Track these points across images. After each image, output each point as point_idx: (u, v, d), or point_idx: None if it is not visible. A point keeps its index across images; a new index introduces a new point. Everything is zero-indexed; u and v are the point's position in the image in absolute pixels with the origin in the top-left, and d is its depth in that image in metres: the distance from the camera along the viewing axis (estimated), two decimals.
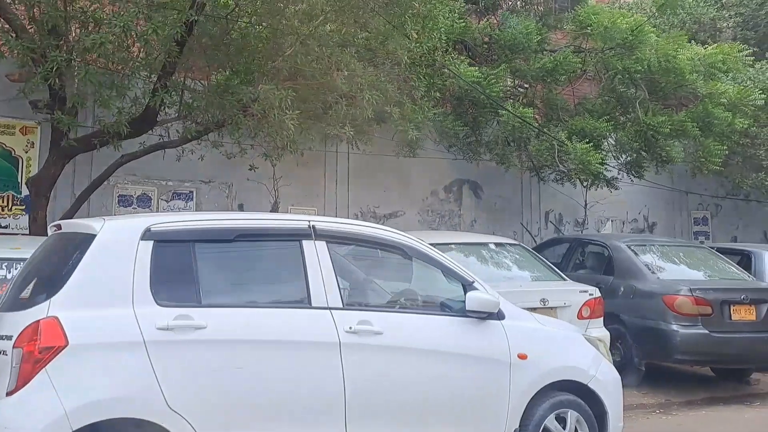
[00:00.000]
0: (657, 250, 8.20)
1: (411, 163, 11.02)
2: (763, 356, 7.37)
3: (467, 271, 4.03)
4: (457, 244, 7.15)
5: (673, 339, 7.04)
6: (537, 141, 9.94)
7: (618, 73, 9.89)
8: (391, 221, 11.07)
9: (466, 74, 9.16)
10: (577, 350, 4.24)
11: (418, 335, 3.69)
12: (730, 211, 14.58)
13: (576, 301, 6.55)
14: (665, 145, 9.78)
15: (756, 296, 7.32)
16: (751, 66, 12.02)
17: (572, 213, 12.84)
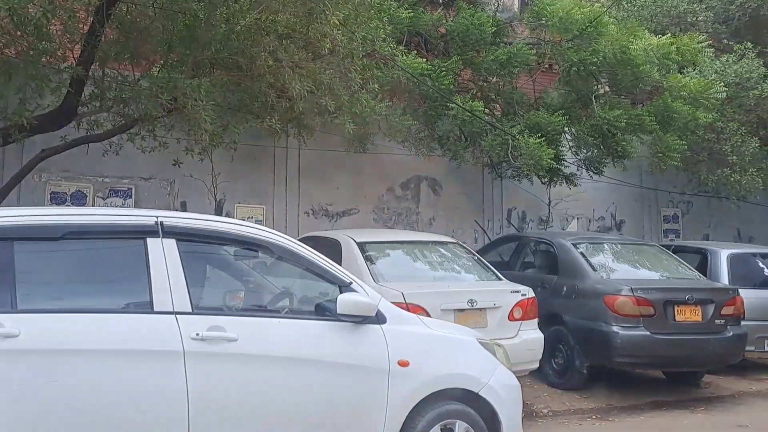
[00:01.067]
0: (604, 249, 7.90)
1: (365, 159, 10.72)
2: (709, 358, 7.09)
3: (345, 272, 3.72)
4: (390, 243, 6.86)
5: (612, 341, 6.74)
6: (491, 136, 9.64)
7: (573, 66, 9.57)
8: (345, 219, 10.78)
9: (414, 66, 8.85)
10: (468, 356, 3.93)
11: (281, 342, 3.37)
12: (702, 208, 14.28)
13: (507, 302, 6.24)
14: (621, 140, 9.48)
15: (702, 296, 7.02)
16: (710, 58, 11.77)
17: (536, 211, 12.53)
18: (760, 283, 8.54)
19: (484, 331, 6.05)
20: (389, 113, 9.13)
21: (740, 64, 11.72)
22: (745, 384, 7.95)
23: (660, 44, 8.68)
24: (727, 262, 8.55)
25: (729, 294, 7.18)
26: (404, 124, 9.29)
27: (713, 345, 6.95)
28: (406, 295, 5.83)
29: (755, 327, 8.22)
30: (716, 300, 7.03)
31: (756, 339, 8.23)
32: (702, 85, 9.85)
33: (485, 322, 6.13)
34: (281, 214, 10.23)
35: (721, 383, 7.91)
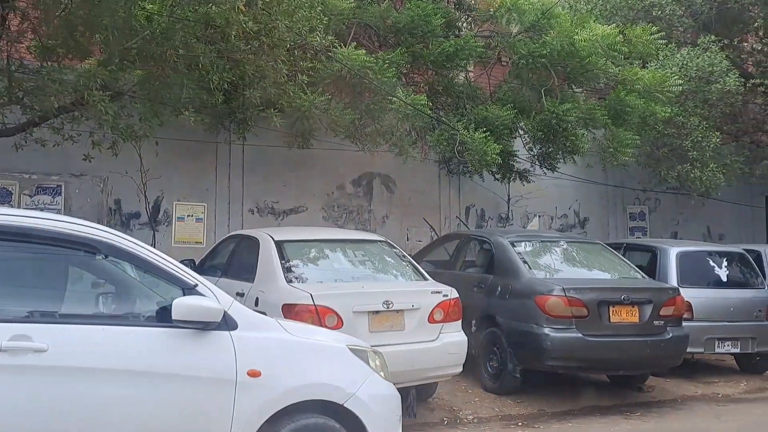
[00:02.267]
0: (544, 248, 7.60)
1: (314, 155, 10.40)
2: (646, 361, 6.79)
3: (190, 274, 3.38)
4: (311, 242, 6.51)
5: (543, 343, 6.42)
6: (438, 131, 9.32)
7: (522, 59, 9.25)
8: (292, 217, 10.46)
9: (353, 59, 8.52)
10: (334, 364, 3.59)
11: (103, 352, 3.02)
12: (670, 205, 14.00)
13: (427, 304, 5.91)
14: (570, 135, 9.16)
15: (639, 296, 6.70)
16: (671, 51, 11.48)
17: (495, 208, 12.23)
18: (711, 282, 8.24)
19: (401, 334, 5.79)
20: (329, 107, 8.84)
21: (702, 58, 11.44)
22: (692, 387, 7.65)
23: (605, 34, 8.36)
24: (677, 261, 8.24)
25: (669, 294, 6.87)
26: (345, 118, 8.99)
27: (651, 347, 6.64)
28: (315, 297, 5.51)
29: (704, 328, 7.95)
30: (655, 300, 6.71)
31: (705, 340, 7.94)
32: (657, 79, 9.55)
33: (402, 324, 5.80)
34: (224, 211, 9.90)
35: (666, 386, 7.61)
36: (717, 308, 8.04)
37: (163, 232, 9.45)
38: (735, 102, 11.84)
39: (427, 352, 5.84)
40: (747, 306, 8.16)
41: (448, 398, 6.79)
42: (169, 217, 9.48)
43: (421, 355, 5.81)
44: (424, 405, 6.46)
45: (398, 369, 5.66)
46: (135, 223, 9.26)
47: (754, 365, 8.50)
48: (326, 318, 5.49)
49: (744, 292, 8.29)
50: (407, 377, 5.76)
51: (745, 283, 8.43)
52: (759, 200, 15.40)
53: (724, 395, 7.40)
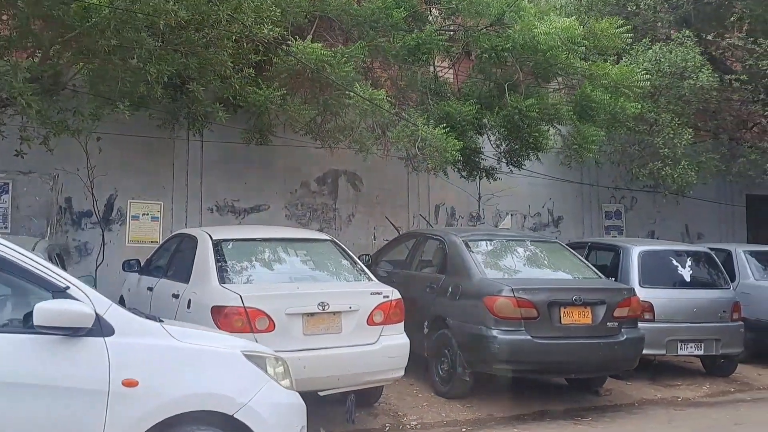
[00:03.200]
0: (499, 247, 7.37)
1: (277, 152, 10.16)
2: (599, 364, 6.56)
3: (62, 276, 3.14)
4: (251, 241, 6.28)
5: (490, 346, 6.19)
6: (399, 127, 9.07)
7: (484, 53, 9.01)
8: (253, 216, 10.21)
9: (309, 52, 8.27)
10: (223, 372, 3.35)
11: None
12: (647, 204, 13.77)
13: (366, 305, 5.68)
14: (533, 131, 8.93)
15: (592, 297, 6.48)
16: (645, 45, 11.27)
17: (466, 207, 12.00)
18: (673, 282, 8.02)
19: (338, 337, 5.57)
20: (285, 103, 8.61)
21: (676, 53, 11.22)
22: (651, 391, 7.43)
23: (564, 27, 8.12)
24: (638, 260, 8.02)
25: (623, 294, 6.64)
26: (302, 113, 8.75)
27: (603, 350, 6.41)
28: (245, 298, 5.29)
29: (666, 329, 7.75)
30: (608, 301, 6.49)
31: (667, 342, 7.74)
32: (624, 74, 9.32)
33: (339, 327, 5.57)
34: (181, 210, 9.64)
35: (626, 390, 7.39)
36: (680, 309, 7.83)
37: (117, 231, 9.20)
38: (709, 98, 11.63)
39: (365, 356, 5.61)
40: (711, 307, 7.95)
41: (395, 403, 6.56)
42: (123, 215, 9.23)
43: (359, 358, 5.59)
44: (369, 410, 6.23)
45: (335, 373, 5.49)
46: (87, 222, 8.99)
47: (719, 368, 8.29)
48: (257, 321, 5.27)
49: (708, 293, 8.08)
50: (344, 382, 5.56)
51: (709, 283, 8.22)
52: (740, 199, 15.20)
53: (684, 399, 7.18)
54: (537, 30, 8.24)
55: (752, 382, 8.04)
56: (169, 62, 6.53)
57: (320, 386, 5.46)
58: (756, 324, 8.94)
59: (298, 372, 5.28)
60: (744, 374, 8.43)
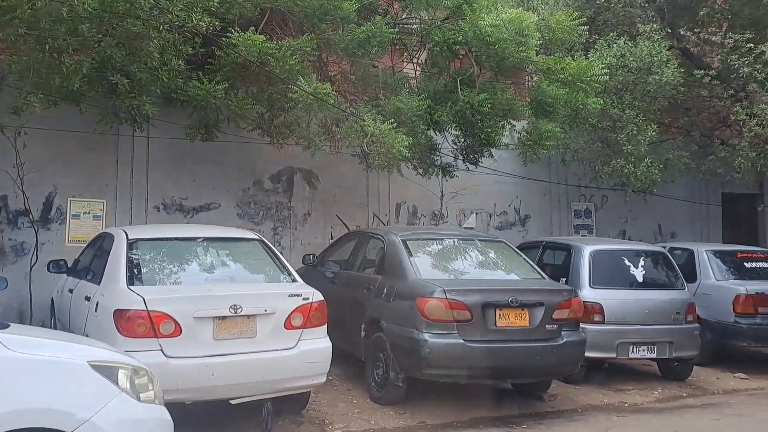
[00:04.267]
0: (439, 246, 7.09)
1: (229, 148, 9.84)
2: (536, 369, 6.26)
3: None
4: (169, 240, 5.98)
5: (421, 350, 5.90)
6: (348, 122, 8.77)
7: (436, 46, 8.73)
8: (203, 215, 9.89)
9: (249, 44, 7.97)
10: (62, 386, 3.05)
11: None
12: (618, 202, 13.45)
13: (284, 308, 5.39)
14: (486, 126, 8.63)
15: (529, 298, 6.19)
16: (611, 39, 11.00)
17: (428, 205, 11.69)
18: (625, 283, 7.74)
19: (252, 342, 5.28)
20: (227, 97, 8.31)
21: (642, 47, 10.95)
22: (599, 396, 7.15)
23: (511, 19, 7.83)
24: (589, 260, 7.74)
25: (563, 295, 6.35)
26: (245, 108, 8.45)
27: (541, 354, 6.12)
28: (148, 301, 5.00)
29: (617, 331, 7.49)
30: (547, 302, 6.21)
31: (618, 345, 7.47)
32: (582, 68, 9.04)
33: (254, 331, 5.28)
34: (125, 208, 9.32)
35: (572, 395, 7.11)
36: (631, 310, 7.56)
37: (57, 231, 8.88)
38: (677, 94, 11.36)
39: (281, 361, 5.33)
40: (664, 308, 7.68)
41: (325, 410, 6.27)
42: (63, 214, 8.91)
43: (275, 364, 5.31)
44: (294, 418, 5.94)
45: (247, 380, 5.20)
46: (23, 220, 8.67)
47: (674, 371, 8.01)
48: (161, 325, 4.98)
49: (662, 294, 7.80)
50: (258, 389, 5.27)
51: (663, 283, 7.95)
52: (715, 197, 14.92)
53: (631, 404, 6.90)
54: (483, 22, 7.94)
55: (708, 387, 7.76)
56: (88, 53, 6.22)
57: (231, 394, 5.17)
58: (716, 326, 8.70)
59: (206, 379, 5.04)
60: (702, 378, 8.15)
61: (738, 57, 10.94)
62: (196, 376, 4.99)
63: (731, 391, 7.63)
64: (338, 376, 7.50)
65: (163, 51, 6.77)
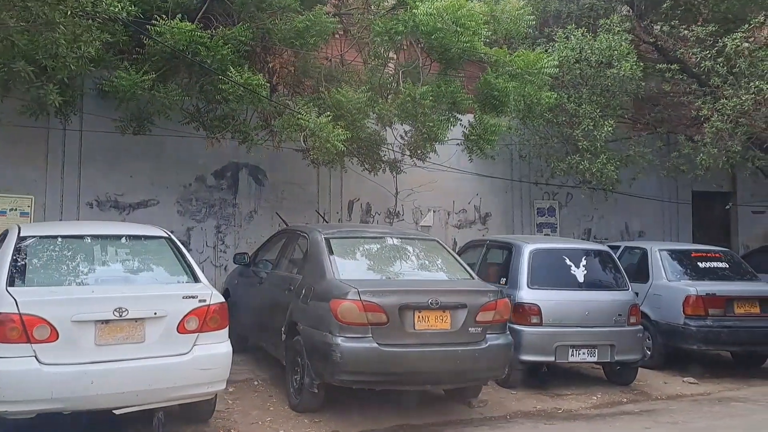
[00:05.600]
0: (367, 245, 6.72)
1: (170, 143, 9.49)
2: (457, 374, 5.91)
3: None
4: (61, 237, 5.56)
5: (332, 355, 5.54)
6: (285, 116, 8.42)
7: (377, 36, 8.38)
8: (140, 212, 9.53)
9: (176, 33, 7.60)
10: None
11: None
12: (583, 200, 13.09)
13: (176, 310, 5.02)
14: (428, 120, 8.29)
15: (451, 300, 5.84)
16: (569, 32, 10.70)
17: (383, 202, 11.37)
18: (565, 283, 7.39)
19: (139, 348, 4.91)
20: (154, 88, 7.94)
21: (601, 40, 10.64)
22: (533, 401, 6.81)
23: (446, 7, 7.47)
24: (529, 259, 7.41)
25: (488, 297, 6.00)
26: (174, 100, 8.09)
27: (462, 358, 5.77)
28: (21, 304, 4.63)
29: (555, 334, 7.16)
30: (470, 304, 5.86)
31: (557, 348, 7.13)
32: (530, 60, 8.70)
33: (142, 335, 4.91)
34: (55, 205, 8.95)
35: (505, 401, 6.78)
36: (570, 312, 7.22)
37: None
38: (637, 89, 11.04)
39: (172, 368, 4.96)
40: (606, 309, 7.34)
41: (237, 418, 5.92)
42: None
43: (165, 371, 4.94)
44: (198, 427, 5.58)
45: (132, 389, 4.84)
46: None
47: (619, 375, 7.67)
48: (35, 329, 4.61)
49: (603, 294, 7.46)
50: (145, 398, 4.91)
51: (605, 284, 7.61)
52: (685, 195, 14.63)
53: (565, 410, 6.57)
54: (417, 11, 7.59)
55: (652, 392, 7.43)
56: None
57: (114, 404, 4.81)
58: (667, 328, 8.40)
59: (85, 388, 4.67)
60: (649, 382, 7.84)
61: (700, 51, 10.64)
62: (74, 385, 4.63)
63: (675, 396, 7.31)
64: (264, 380, 7.17)
65: (75, 38, 6.37)
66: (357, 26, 8.96)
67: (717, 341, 8.12)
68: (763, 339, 8.19)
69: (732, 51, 10.14)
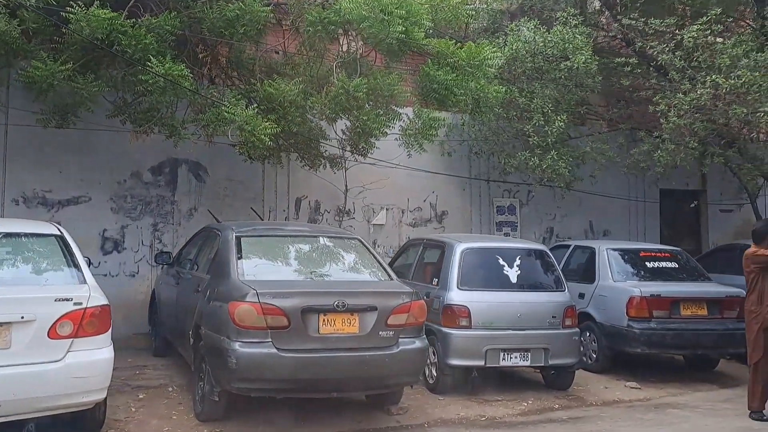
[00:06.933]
0: (280, 243, 6.36)
1: (103, 137, 9.09)
2: (366, 381, 5.56)
3: None
4: None
5: (228, 361, 5.19)
6: (215, 108, 8.04)
7: (310, 26, 8.02)
8: (70, 209, 9.15)
9: (93, 20, 7.22)
10: None
11: None
12: (546, 198, 12.79)
13: (47, 314, 4.65)
14: (362, 114, 7.93)
15: (360, 302, 5.49)
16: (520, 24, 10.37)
17: (333, 200, 10.99)
18: (497, 284, 7.07)
19: (5, 354, 4.55)
20: (73, 79, 7.56)
21: (553, 32, 10.30)
22: (458, 408, 6.47)
23: None
24: (460, 259, 7.07)
25: (402, 299, 5.65)
26: (93, 92, 7.71)
27: (371, 364, 5.43)
28: None
29: (485, 337, 6.85)
30: (381, 307, 5.51)
31: (487, 351, 6.81)
32: (473, 52, 8.35)
33: (8, 341, 4.56)
34: None
35: (427, 407, 6.44)
36: (502, 314, 6.90)
37: None
38: (594, 84, 10.70)
39: (42, 377, 4.60)
40: (540, 311, 7.02)
41: (132, 428, 5.57)
42: None
43: (33, 380, 4.59)
44: None
45: None
46: None
47: (555, 379, 7.35)
48: None
49: (537, 296, 7.14)
50: (13, 409, 4.57)
51: (540, 285, 7.29)
52: (652, 193, 14.32)
53: (489, 418, 6.23)
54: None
55: (588, 398, 7.11)
56: None
57: None
58: (611, 330, 8.08)
59: None
60: (588, 387, 7.51)
61: (658, 44, 10.33)
62: None
63: (611, 402, 6.98)
64: (180, 387, 6.82)
65: None
66: (292, 17, 8.60)
67: (661, 344, 7.79)
68: (711, 342, 7.88)
69: (691, 44, 9.84)
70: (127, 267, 9.41)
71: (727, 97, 9.46)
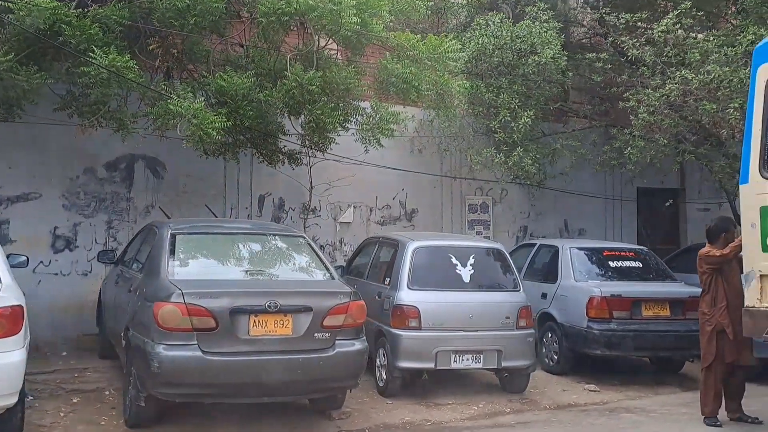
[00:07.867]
0: (218, 241, 6.13)
1: (55, 132, 8.78)
2: (298, 385, 5.31)
3: None
4: None
5: (150, 365, 4.95)
6: (163, 101, 7.78)
7: (263, 17, 7.77)
8: (19, 206, 8.87)
9: (33, 8, 6.95)
10: None
11: None
12: (520, 197, 12.60)
13: None
14: (316, 109, 7.68)
15: (294, 302, 5.25)
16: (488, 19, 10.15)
17: (298, 197, 10.73)
18: (448, 284, 6.83)
19: None
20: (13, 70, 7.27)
21: (520, 27, 10.08)
22: (405, 412, 6.24)
23: None
24: (411, 258, 6.84)
25: (339, 299, 5.41)
26: (35, 84, 7.43)
27: (304, 367, 5.19)
28: None
29: (436, 338, 6.63)
30: (317, 307, 5.28)
31: (438, 353, 6.58)
32: (433, 46, 8.12)
33: None
34: None
35: (372, 412, 6.21)
36: (453, 315, 6.67)
37: None
38: (563, 79, 10.50)
39: None
40: (492, 312, 6.79)
41: None
42: None
43: None
44: None
45: None
46: None
47: (510, 382, 7.12)
48: None
49: (490, 296, 6.92)
50: None
51: (493, 284, 7.06)
52: (629, 191, 14.11)
53: (435, 423, 6.00)
54: None
55: (542, 401, 6.88)
56: None
57: None
58: (571, 331, 7.86)
59: None
60: (545, 390, 7.30)
61: (629, 39, 10.11)
62: None
63: (566, 405, 6.76)
64: (117, 390, 6.54)
65: None
66: (247, 7, 8.35)
67: (622, 346, 7.56)
68: (673, 343, 7.66)
69: (661, 39, 9.63)
70: (79, 266, 9.13)
71: (697, 92, 9.25)
